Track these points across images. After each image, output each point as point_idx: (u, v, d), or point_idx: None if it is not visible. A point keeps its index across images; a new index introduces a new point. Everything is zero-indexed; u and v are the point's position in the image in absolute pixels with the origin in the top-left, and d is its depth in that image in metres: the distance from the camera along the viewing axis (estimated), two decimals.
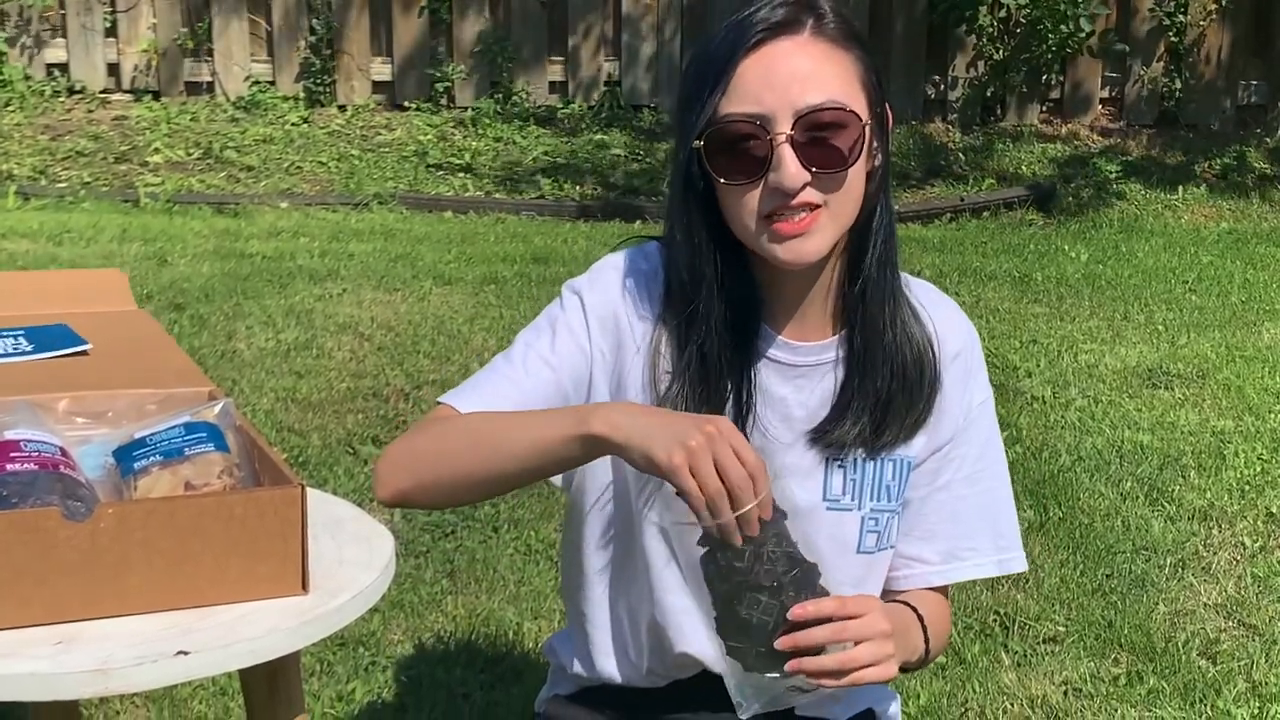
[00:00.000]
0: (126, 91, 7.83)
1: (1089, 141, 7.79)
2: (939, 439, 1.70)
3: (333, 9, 7.80)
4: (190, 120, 7.56)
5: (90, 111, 7.63)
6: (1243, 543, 3.52)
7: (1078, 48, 7.69)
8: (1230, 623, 3.17)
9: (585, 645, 1.77)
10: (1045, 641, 3.08)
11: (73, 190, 6.65)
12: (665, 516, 1.53)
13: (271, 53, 7.86)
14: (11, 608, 1.40)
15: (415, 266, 5.56)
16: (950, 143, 7.70)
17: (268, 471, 1.57)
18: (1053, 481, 3.81)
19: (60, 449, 1.52)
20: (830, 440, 1.65)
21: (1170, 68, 7.93)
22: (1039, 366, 4.65)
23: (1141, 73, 7.89)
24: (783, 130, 1.51)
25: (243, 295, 5.10)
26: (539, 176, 7.13)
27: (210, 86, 7.84)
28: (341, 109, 7.81)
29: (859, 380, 1.64)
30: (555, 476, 1.70)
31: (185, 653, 1.38)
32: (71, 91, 7.73)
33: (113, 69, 7.81)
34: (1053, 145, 7.66)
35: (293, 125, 7.59)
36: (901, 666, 1.56)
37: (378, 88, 7.88)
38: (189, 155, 7.20)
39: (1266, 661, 3.00)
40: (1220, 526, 3.61)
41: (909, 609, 1.68)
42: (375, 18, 7.84)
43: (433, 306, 5.08)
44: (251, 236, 5.99)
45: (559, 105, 7.92)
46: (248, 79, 7.81)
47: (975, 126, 7.85)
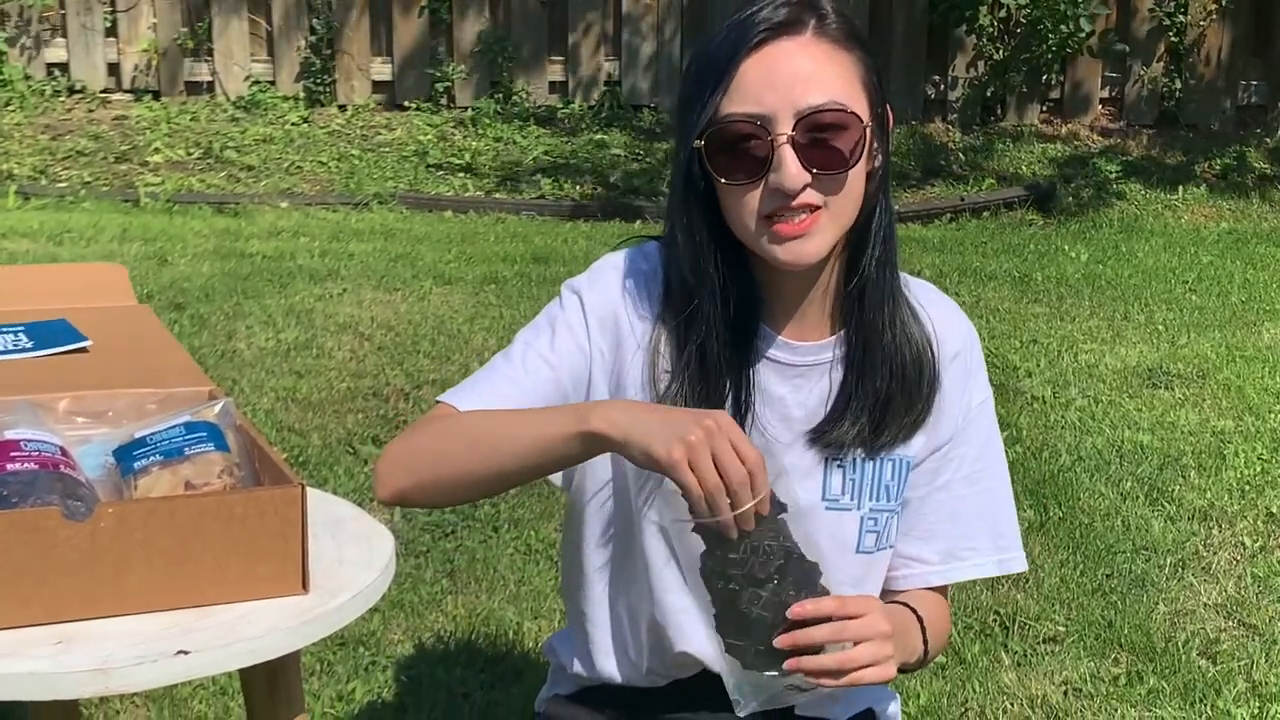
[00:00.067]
0: (127, 91, 7.83)
1: (1089, 141, 7.79)
2: (938, 439, 1.70)
3: (333, 9, 7.81)
4: (190, 120, 7.57)
5: (90, 111, 7.63)
6: (1243, 543, 3.52)
7: (1078, 48, 7.69)
8: (1230, 623, 3.17)
9: (585, 645, 1.77)
10: (1045, 641, 3.08)
11: (73, 190, 6.65)
12: (665, 514, 1.53)
13: (272, 52, 7.86)
14: (11, 607, 1.40)
15: (415, 266, 5.56)
16: (950, 143, 7.70)
17: (268, 471, 1.57)
18: (1053, 481, 3.80)
19: (60, 448, 1.52)
20: (829, 440, 1.65)
21: (1170, 68, 7.93)
22: (1039, 366, 4.65)
23: (1141, 73, 7.89)
24: (784, 131, 1.51)
25: (243, 295, 5.10)
26: (539, 176, 7.13)
27: (210, 86, 7.84)
28: (342, 109, 7.81)
29: (858, 380, 1.64)
30: (555, 476, 1.70)
31: (185, 652, 1.38)
32: (72, 91, 7.74)
33: (113, 69, 7.81)
34: (1053, 145, 7.66)
35: (293, 125, 7.59)
36: (900, 667, 1.56)
37: (378, 88, 7.88)
38: (189, 155, 7.20)
39: (1266, 661, 3.00)
40: (1220, 526, 3.61)
41: (908, 610, 1.68)
42: (375, 18, 7.84)
43: (433, 306, 5.08)
44: (252, 236, 5.99)
45: (559, 105, 7.92)
46: (248, 79, 7.81)
47: (975, 126, 7.85)
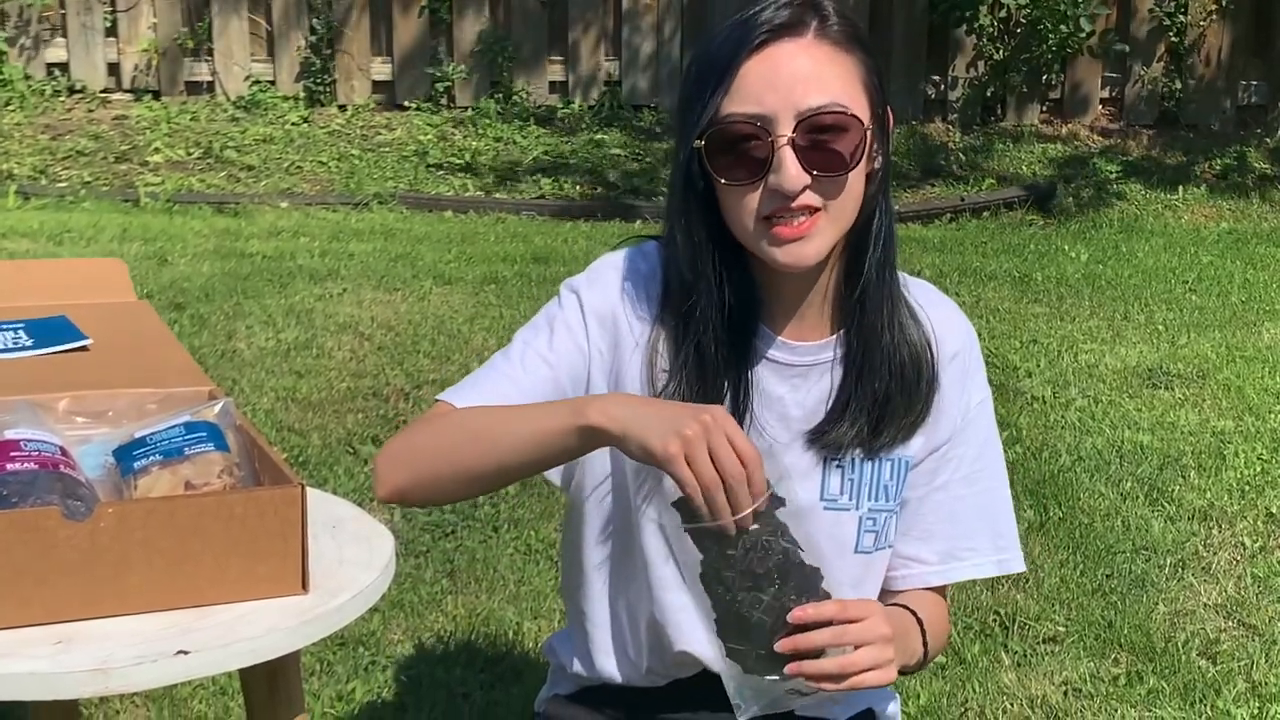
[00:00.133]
0: (127, 91, 7.83)
1: (1089, 142, 7.78)
2: (937, 439, 1.70)
3: (333, 8, 7.81)
4: (190, 120, 7.56)
5: (90, 111, 7.63)
6: (1243, 543, 3.52)
7: (1078, 48, 7.69)
8: (1230, 623, 3.17)
9: (585, 644, 1.77)
10: (1045, 641, 3.07)
11: (73, 190, 6.64)
12: (663, 515, 1.53)
13: (272, 52, 7.86)
14: (11, 607, 1.40)
15: (415, 266, 5.56)
16: (950, 143, 7.70)
17: (268, 471, 1.57)
18: (1053, 481, 3.80)
19: (60, 448, 1.52)
20: (828, 441, 1.65)
21: (1170, 68, 7.93)
22: (1039, 366, 4.65)
23: (1141, 73, 7.89)
24: (784, 132, 1.51)
25: (243, 295, 5.10)
26: (539, 176, 7.13)
27: (210, 86, 7.84)
28: (341, 109, 7.81)
29: (857, 381, 1.64)
30: (554, 475, 1.70)
31: (185, 652, 1.38)
32: (72, 91, 7.73)
33: (113, 68, 7.81)
34: (1053, 145, 7.66)
35: (293, 125, 7.58)
36: (900, 670, 1.56)
37: (378, 87, 7.88)
38: (189, 155, 7.20)
39: (1266, 661, 3.00)
40: (1220, 526, 3.60)
41: (908, 612, 1.68)
42: (375, 17, 7.84)
43: (433, 306, 5.08)
44: (252, 236, 5.99)
45: (559, 105, 7.92)
46: (248, 78, 7.81)
47: (975, 126, 7.85)
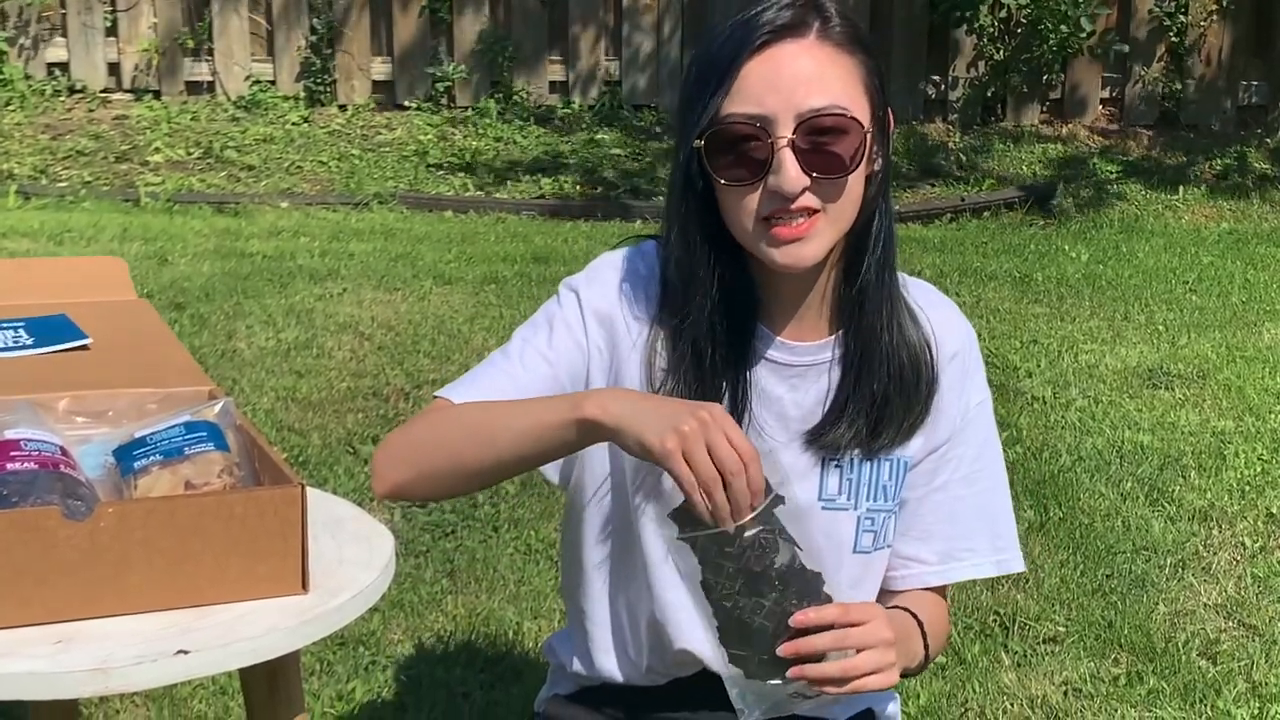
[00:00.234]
0: (127, 91, 7.82)
1: (1089, 142, 7.78)
2: (936, 440, 1.70)
3: (332, 8, 7.80)
4: (190, 120, 7.56)
5: (91, 111, 7.63)
6: (1243, 543, 3.52)
7: (1078, 48, 7.69)
8: (1230, 623, 3.17)
9: (585, 643, 1.77)
10: (1045, 641, 3.07)
11: (73, 190, 6.65)
12: (663, 528, 1.52)
13: (272, 52, 7.86)
14: (11, 607, 1.40)
15: (415, 266, 5.56)
16: (950, 143, 7.70)
17: (268, 471, 1.57)
18: (1053, 481, 3.80)
19: (60, 448, 1.52)
20: (826, 441, 1.65)
21: (1170, 68, 7.92)
22: (1039, 367, 4.65)
23: (1141, 73, 7.89)
24: (784, 133, 1.51)
25: (243, 295, 5.10)
26: (539, 176, 7.13)
27: (210, 86, 7.84)
28: (342, 108, 7.81)
29: (856, 381, 1.64)
30: (554, 475, 1.71)
31: (185, 652, 1.38)
32: (72, 91, 7.73)
33: (113, 68, 7.81)
34: (1053, 146, 7.65)
35: (293, 125, 7.58)
36: (901, 672, 1.56)
37: (378, 87, 7.88)
38: (189, 155, 7.20)
39: (1266, 662, 3.00)
40: (1220, 527, 3.60)
41: (909, 615, 1.68)
42: (375, 17, 7.84)
43: (433, 306, 5.08)
44: (252, 236, 5.99)
45: (559, 105, 7.92)
46: (248, 78, 7.81)
47: (975, 127, 7.84)
